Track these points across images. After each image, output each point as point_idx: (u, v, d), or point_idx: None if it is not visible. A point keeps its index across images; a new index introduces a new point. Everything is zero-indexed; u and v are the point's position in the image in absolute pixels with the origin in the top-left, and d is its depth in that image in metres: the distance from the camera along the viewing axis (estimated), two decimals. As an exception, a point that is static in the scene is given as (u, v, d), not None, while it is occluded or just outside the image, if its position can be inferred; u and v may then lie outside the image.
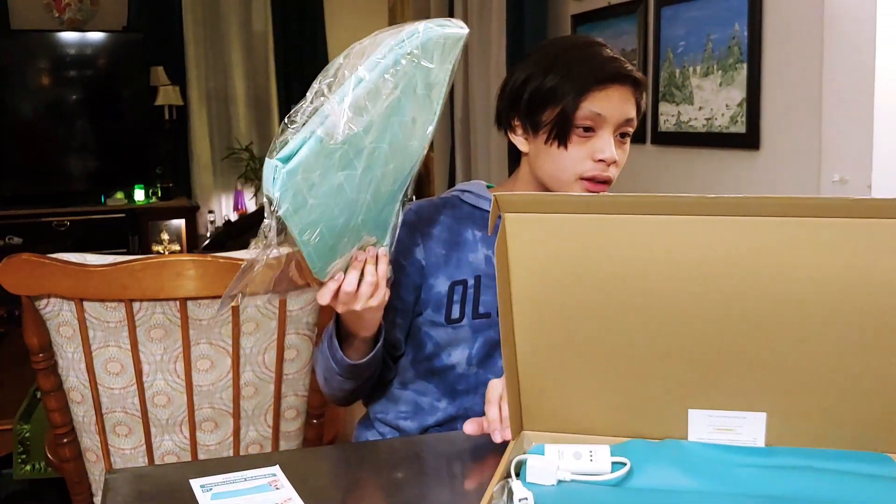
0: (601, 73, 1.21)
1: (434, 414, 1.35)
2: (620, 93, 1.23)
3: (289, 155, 0.94)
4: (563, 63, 1.23)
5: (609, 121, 1.22)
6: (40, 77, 5.52)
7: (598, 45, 1.27)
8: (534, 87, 1.24)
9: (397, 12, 6.18)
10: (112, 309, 1.43)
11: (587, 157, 1.23)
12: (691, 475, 0.91)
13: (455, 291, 1.30)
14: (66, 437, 1.54)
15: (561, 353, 0.98)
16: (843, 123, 2.18)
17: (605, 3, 3.25)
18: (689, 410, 0.95)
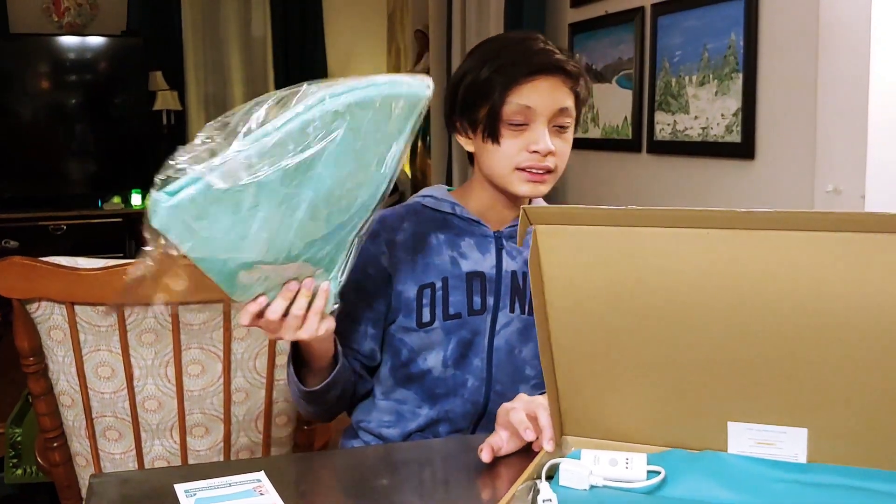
0: (527, 66, 1.22)
1: (415, 419, 1.35)
2: (550, 83, 1.23)
3: (174, 191, 0.93)
4: (492, 59, 1.24)
5: (540, 113, 1.23)
6: (39, 81, 5.52)
7: (531, 38, 1.27)
8: (465, 85, 1.26)
9: (396, 19, 6.19)
10: (103, 313, 1.43)
11: (522, 150, 1.24)
12: (728, 488, 0.90)
13: (424, 295, 1.31)
14: (56, 441, 1.53)
15: (601, 361, 0.98)
16: (838, 134, 2.19)
17: (603, 11, 3.26)
18: (729, 423, 0.95)
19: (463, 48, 4.36)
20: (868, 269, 0.81)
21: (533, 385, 1.38)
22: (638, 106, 3.05)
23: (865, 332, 0.84)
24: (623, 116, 3.15)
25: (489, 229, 1.34)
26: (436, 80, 3.80)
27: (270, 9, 6.08)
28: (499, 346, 1.33)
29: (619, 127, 3.18)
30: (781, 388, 0.91)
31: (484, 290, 1.32)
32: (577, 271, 0.95)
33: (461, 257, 1.32)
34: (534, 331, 1.29)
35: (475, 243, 1.34)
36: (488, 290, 1.33)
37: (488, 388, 1.34)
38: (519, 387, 1.37)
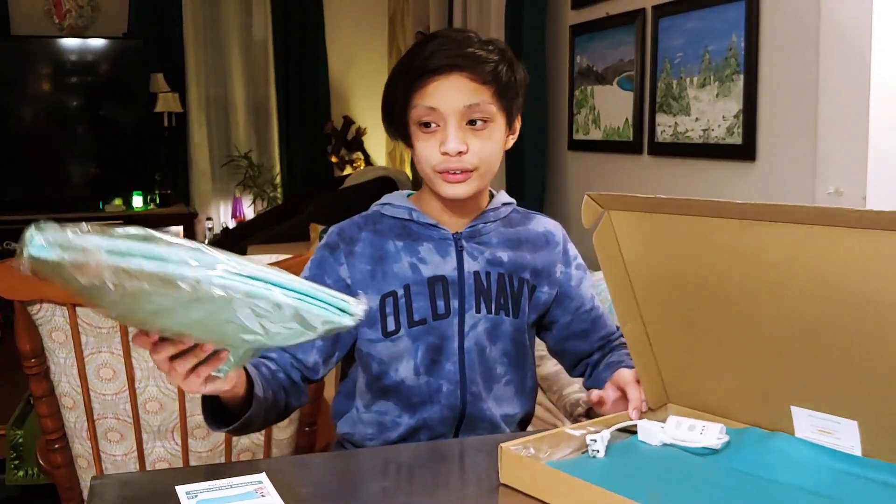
0: (424, 67, 1.21)
1: (396, 429, 1.34)
2: (452, 81, 1.21)
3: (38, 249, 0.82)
4: (399, 63, 1.25)
5: (447, 112, 1.22)
6: (40, 83, 5.53)
7: (441, 36, 1.25)
8: (385, 94, 1.28)
9: (397, 21, 6.20)
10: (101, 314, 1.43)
11: (434, 151, 1.24)
12: (786, 468, 0.95)
13: (387, 304, 1.29)
14: (58, 442, 1.53)
15: (690, 339, 1.06)
16: (839, 135, 2.19)
17: (604, 13, 3.26)
18: (792, 407, 0.99)
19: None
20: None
21: (504, 383, 1.37)
22: (639, 108, 3.05)
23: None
24: (624, 118, 3.15)
25: (448, 232, 1.33)
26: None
27: (271, 11, 6.08)
28: (469, 348, 1.32)
29: (621, 128, 3.18)
30: (836, 379, 0.93)
31: (447, 293, 1.31)
32: (652, 255, 1.03)
33: (421, 262, 1.31)
34: (502, 329, 1.33)
35: (434, 247, 1.32)
36: (451, 293, 1.31)
37: (464, 390, 1.33)
38: (493, 386, 1.36)
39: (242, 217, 6.14)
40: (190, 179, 6.07)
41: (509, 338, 1.35)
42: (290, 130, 6.22)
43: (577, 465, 1.01)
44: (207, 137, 6.12)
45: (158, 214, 5.70)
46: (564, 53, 3.59)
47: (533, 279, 1.38)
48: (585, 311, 1.44)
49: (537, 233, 1.42)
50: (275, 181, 6.23)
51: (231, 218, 6.19)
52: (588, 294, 1.45)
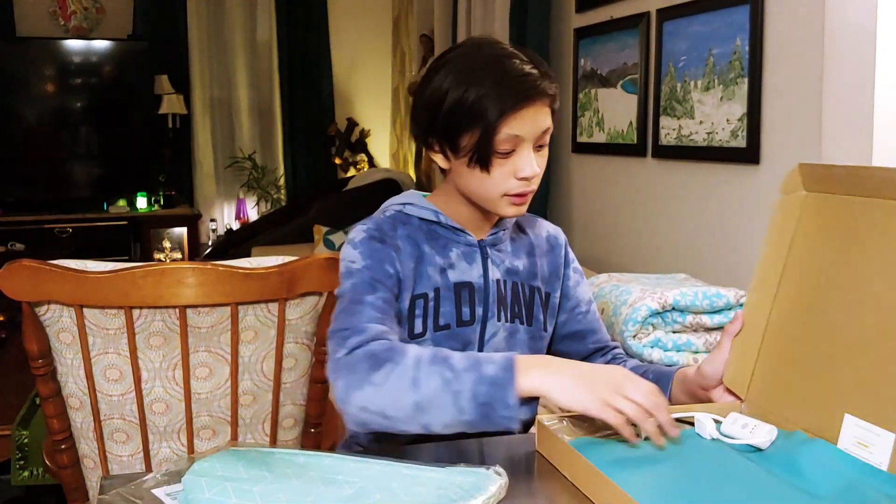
0: (515, 97, 1.18)
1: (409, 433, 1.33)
2: (535, 109, 1.21)
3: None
4: (477, 83, 1.19)
5: (527, 139, 1.22)
6: (45, 84, 5.55)
7: (512, 57, 1.22)
8: (448, 109, 1.20)
9: (401, 23, 6.21)
10: (112, 316, 1.43)
11: (510, 176, 1.23)
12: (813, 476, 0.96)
13: (416, 306, 1.27)
14: (64, 443, 1.54)
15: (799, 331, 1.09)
16: (843, 139, 2.19)
17: (608, 16, 3.27)
18: (846, 415, 1.00)
19: (468, 53, 4.36)
20: None
21: None
22: (643, 111, 3.05)
23: None
24: (628, 121, 3.15)
25: (474, 238, 1.33)
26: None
27: (276, 13, 6.10)
28: None
29: (625, 132, 3.19)
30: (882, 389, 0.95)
31: (473, 300, 1.31)
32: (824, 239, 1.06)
33: (450, 267, 1.30)
34: (517, 337, 1.35)
35: (462, 253, 1.32)
36: (477, 300, 1.31)
37: None
38: None
39: (246, 219, 6.15)
40: (194, 181, 6.09)
41: (525, 346, 1.36)
42: (294, 132, 6.23)
43: (602, 445, 1.04)
44: (212, 139, 6.13)
45: (162, 216, 5.72)
46: (568, 56, 3.59)
47: (545, 286, 1.40)
48: (581, 313, 1.45)
49: (542, 237, 1.44)
50: (279, 183, 6.24)
51: (235, 219, 6.20)
52: (585, 297, 1.46)
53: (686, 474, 0.98)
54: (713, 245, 2.68)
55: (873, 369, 0.96)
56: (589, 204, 3.43)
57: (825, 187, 1.06)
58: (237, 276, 1.42)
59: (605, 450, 1.03)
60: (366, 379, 1.07)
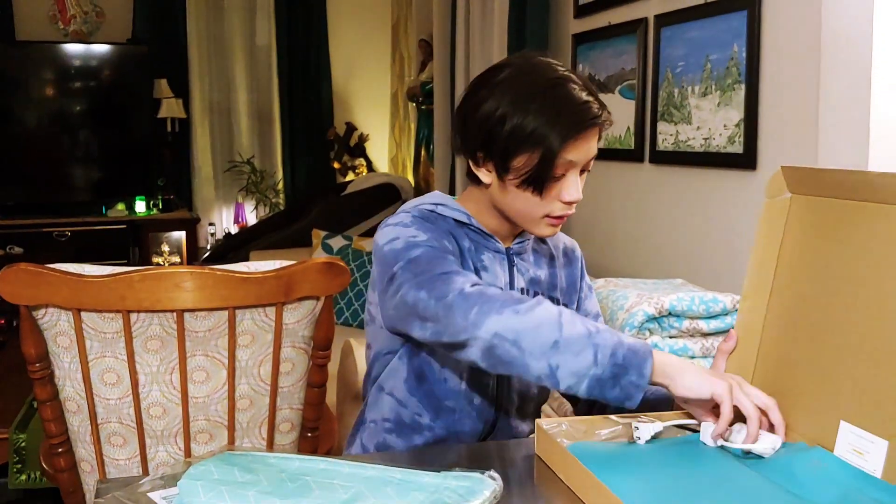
0: (579, 123, 1.20)
1: (420, 432, 1.33)
2: (592, 136, 1.23)
3: None
4: (539, 110, 1.19)
5: (579, 165, 1.23)
6: (45, 88, 5.55)
7: (568, 82, 1.23)
8: (509, 131, 1.20)
9: (400, 28, 6.22)
10: (109, 319, 1.44)
11: (556, 199, 1.24)
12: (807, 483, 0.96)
13: None
14: (61, 446, 1.54)
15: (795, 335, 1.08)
16: (840, 145, 2.20)
17: (606, 22, 3.27)
18: (841, 422, 1.00)
19: (467, 57, 4.37)
20: None
21: (536, 402, 1.40)
22: (640, 116, 3.06)
23: None
24: (626, 126, 3.16)
25: (502, 246, 1.34)
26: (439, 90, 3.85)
27: (275, 17, 6.11)
28: None
29: (622, 137, 3.19)
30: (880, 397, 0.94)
31: None
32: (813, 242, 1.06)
33: (483, 269, 1.31)
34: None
35: (492, 258, 1.33)
36: None
37: (498, 405, 1.34)
38: (524, 404, 1.37)
39: (245, 223, 6.15)
40: (193, 185, 6.09)
41: None
42: (293, 136, 6.24)
43: (600, 449, 1.05)
44: (210, 143, 6.14)
45: (161, 219, 5.72)
46: (567, 62, 3.60)
47: (563, 297, 1.42)
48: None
49: (560, 249, 1.46)
50: (277, 187, 6.24)
51: (233, 223, 6.20)
52: (593, 310, 1.47)
53: (683, 481, 0.98)
54: (710, 250, 2.68)
55: (867, 375, 0.96)
56: (586, 209, 3.44)
57: (810, 190, 1.06)
58: (234, 280, 1.43)
59: (603, 454, 1.03)
60: (508, 306, 1.07)
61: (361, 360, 2.02)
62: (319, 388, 1.64)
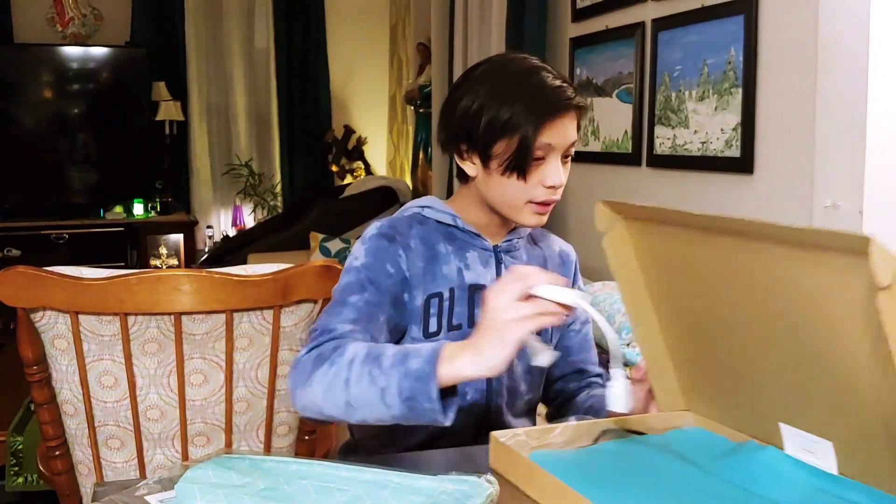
0: (554, 106, 1.24)
1: (413, 434, 1.34)
2: (566, 120, 1.26)
3: None
4: (514, 96, 1.24)
5: (557, 148, 1.26)
6: (43, 90, 5.55)
7: (542, 70, 1.28)
8: (487, 119, 1.25)
9: (398, 31, 6.23)
10: (107, 322, 1.44)
11: (538, 184, 1.27)
12: (771, 483, 0.95)
13: (431, 304, 1.31)
14: (59, 449, 1.54)
15: (700, 344, 1.06)
16: (836, 149, 2.20)
17: (603, 26, 3.28)
18: (780, 424, 0.99)
19: (465, 61, 4.38)
20: None
21: (526, 400, 1.40)
22: (638, 120, 3.07)
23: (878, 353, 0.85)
24: (623, 130, 3.17)
25: (489, 243, 1.36)
26: (437, 93, 3.85)
27: (273, 20, 6.11)
28: None
29: (619, 141, 3.20)
30: (815, 400, 0.94)
31: None
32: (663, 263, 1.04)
33: (466, 269, 1.33)
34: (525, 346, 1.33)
35: (478, 256, 1.35)
36: None
37: (489, 401, 1.35)
38: (516, 402, 1.38)
39: (243, 225, 6.16)
40: (191, 187, 6.10)
41: None
42: (291, 139, 6.25)
43: (561, 457, 1.01)
44: (208, 146, 6.14)
45: (159, 222, 5.72)
46: (564, 66, 3.61)
47: None
48: (574, 331, 1.49)
49: (555, 252, 1.47)
50: (275, 190, 6.25)
51: (231, 226, 6.21)
52: (582, 316, 1.48)
53: (648, 487, 0.96)
54: (707, 254, 2.69)
55: (793, 378, 0.94)
56: (584, 212, 3.44)
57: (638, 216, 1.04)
58: (232, 283, 1.43)
59: (565, 461, 1.00)
60: (308, 379, 1.12)
61: (359, 363, 2.02)
62: (317, 391, 1.64)
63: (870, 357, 0.85)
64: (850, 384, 0.88)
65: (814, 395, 0.93)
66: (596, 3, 3.33)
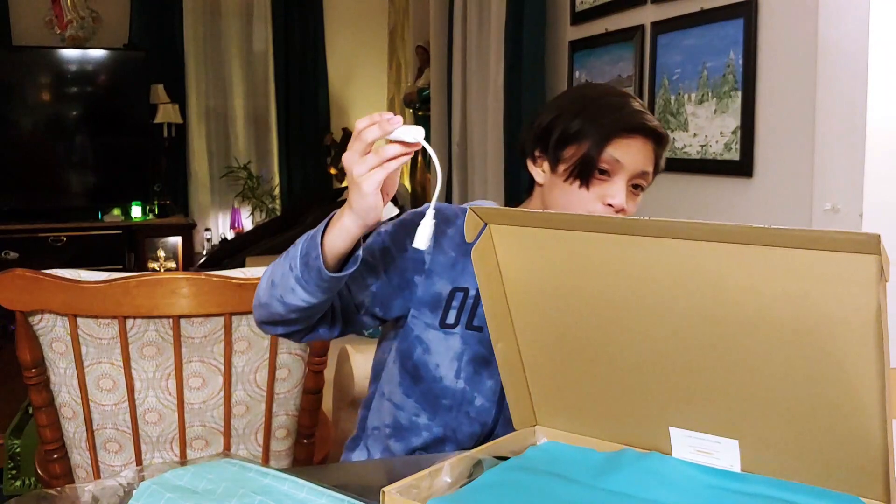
0: (628, 123, 1.26)
1: (418, 433, 1.33)
2: (641, 144, 1.27)
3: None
4: (594, 108, 1.28)
5: (626, 169, 1.27)
6: (41, 93, 5.55)
7: (629, 96, 1.32)
8: (562, 126, 1.28)
9: (397, 34, 6.23)
10: (105, 325, 1.43)
11: (598, 200, 1.27)
12: (666, 488, 0.93)
13: (455, 297, 1.30)
14: (57, 452, 1.54)
15: (563, 357, 1.03)
16: (836, 152, 2.20)
17: (603, 29, 3.28)
18: (670, 428, 0.97)
19: (463, 64, 4.38)
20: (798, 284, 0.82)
21: None
22: (637, 123, 3.07)
23: (791, 347, 0.85)
24: (622, 133, 3.17)
25: None
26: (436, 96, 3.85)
27: (272, 23, 6.12)
28: None
29: (619, 144, 3.20)
30: (714, 399, 0.92)
31: None
32: (531, 271, 1.01)
33: None
34: None
35: None
36: None
37: (499, 411, 1.33)
38: None
39: (241, 228, 6.15)
40: (189, 190, 6.09)
41: None
42: (290, 142, 6.25)
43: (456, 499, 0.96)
44: (207, 148, 6.14)
45: (157, 225, 5.71)
46: (563, 69, 3.61)
47: None
48: None
49: None
50: (274, 192, 6.24)
51: (230, 229, 6.20)
52: None
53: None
54: (707, 257, 2.69)
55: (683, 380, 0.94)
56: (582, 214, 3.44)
57: (506, 221, 1.02)
58: (231, 286, 1.42)
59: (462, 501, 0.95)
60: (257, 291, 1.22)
61: (358, 366, 2.02)
62: (315, 395, 1.63)
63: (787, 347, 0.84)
64: (762, 376, 0.88)
65: (715, 394, 0.92)
66: (595, 6, 3.33)
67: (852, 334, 0.80)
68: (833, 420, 0.85)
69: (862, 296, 0.77)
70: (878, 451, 0.83)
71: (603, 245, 0.93)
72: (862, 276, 0.77)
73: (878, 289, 0.76)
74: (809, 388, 0.85)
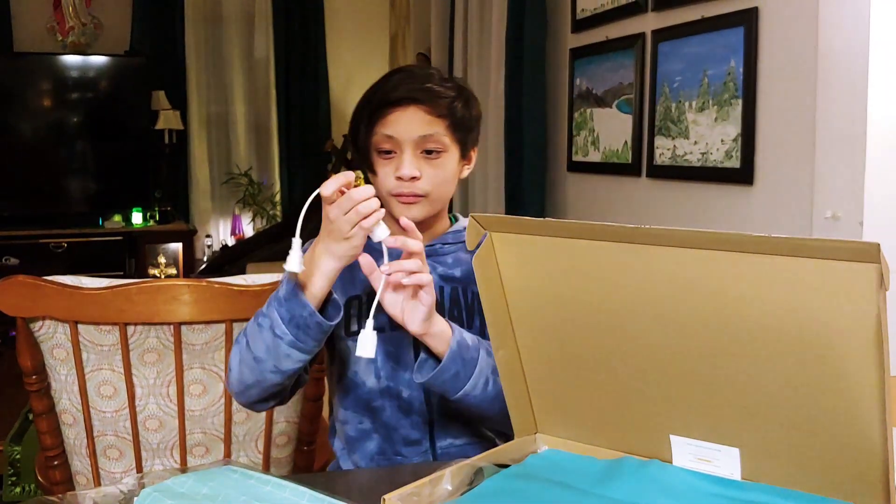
0: (382, 99, 1.30)
1: (369, 438, 1.35)
2: (410, 113, 1.29)
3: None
4: (360, 101, 1.33)
5: (404, 141, 1.29)
6: (42, 99, 5.55)
7: (400, 70, 1.34)
8: (350, 122, 1.36)
9: (398, 41, 6.24)
10: (106, 332, 1.43)
11: (390, 176, 1.30)
12: (666, 496, 0.93)
13: (352, 306, 1.34)
14: (57, 459, 1.54)
15: (564, 364, 1.04)
16: (836, 160, 2.21)
17: (604, 37, 3.29)
18: (671, 436, 0.98)
19: (465, 71, 4.39)
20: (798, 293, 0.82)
21: (465, 416, 1.39)
22: (638, 130, 3.07)
23: (792, 356, 0.85)
24: (623, 141, 3.17)
25: None
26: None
27: (273, 30, 6.12)
28: None
29: (619, 151, 3.20)
30: (715, 408, 0.93)
31: None
32: (532, 278, 1.02)
33: None
34: None
35: None
36: None
37: (427, 395, 1.34)
38: (458, 416, 1.37)
39: (242, 235, 6.15)
40: (190, 197, 6.09)
41: None
42: (291, 149, 6.25)
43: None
44: (208, 155, 6.14)
45: (157, 231, 5.71)
46: (564, 76, 3.61)
47: None
48: None
49: None
50: (274, 199, 6.25)
51: (230, 235, 6.20)
52: None
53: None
54: (707, 264, 2.69)
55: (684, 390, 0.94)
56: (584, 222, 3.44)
57: (507, 228, 1.02)
58: (232, 292, 1.43)
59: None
60: (230, 371, 1.25)
61: (358, 373, 2.01)
62: (316, 402, 1.63)
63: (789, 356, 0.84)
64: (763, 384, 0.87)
65: (717, 402, 0.92)
66: (596, 14, 3.34)
67: (852, 342, 0.80)
68: (834, 428, 0.85)
69: (862, 304, 0.78)
70: (879, 459, 0.83)
71: (604, 253, 0.93)
72: (862, 284, 0.77)
73: (879, 297, 0.76)
74: (810, 396, 0.85)
